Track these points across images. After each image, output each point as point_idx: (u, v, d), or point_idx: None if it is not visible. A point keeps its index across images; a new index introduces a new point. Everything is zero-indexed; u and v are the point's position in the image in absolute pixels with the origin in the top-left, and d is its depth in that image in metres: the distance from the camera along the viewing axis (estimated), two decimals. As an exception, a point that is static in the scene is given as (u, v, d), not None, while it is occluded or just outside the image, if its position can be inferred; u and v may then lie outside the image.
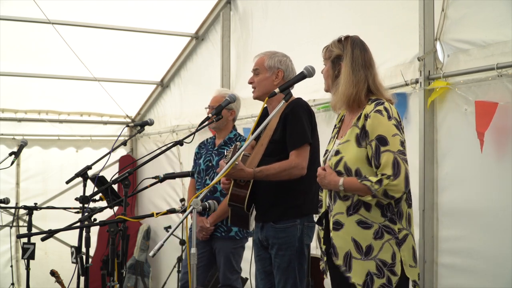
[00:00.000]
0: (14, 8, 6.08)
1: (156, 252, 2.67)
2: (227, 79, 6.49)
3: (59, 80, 7.44)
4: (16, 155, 5.51)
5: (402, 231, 2.80)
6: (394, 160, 2.72)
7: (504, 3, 3.71)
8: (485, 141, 3.70)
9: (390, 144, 2.74)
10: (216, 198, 4.58)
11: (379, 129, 2.77)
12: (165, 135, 7.68)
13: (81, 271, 3.49)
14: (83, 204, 4.06)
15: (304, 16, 5.42)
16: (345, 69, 2.88)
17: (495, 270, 3.69)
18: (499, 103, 3.64)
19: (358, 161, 2.81)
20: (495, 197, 3.70)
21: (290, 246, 3.64)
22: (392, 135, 2.76)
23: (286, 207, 3.66)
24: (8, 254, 6.90)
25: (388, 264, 2.76)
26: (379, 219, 2.78)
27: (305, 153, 3.62)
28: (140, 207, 8.44)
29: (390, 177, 2.70)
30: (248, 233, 4.64)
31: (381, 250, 2.77)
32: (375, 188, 2.72)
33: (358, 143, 2.82)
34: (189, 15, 6.74)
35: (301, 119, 3.64)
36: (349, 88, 2.86)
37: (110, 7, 6.37)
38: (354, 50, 2.89)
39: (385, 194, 2.71)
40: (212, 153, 4.70)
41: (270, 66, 3.81)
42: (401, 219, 2.81)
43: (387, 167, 2.72)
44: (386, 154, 2.73)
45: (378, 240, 2.78)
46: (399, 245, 2.79)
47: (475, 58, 3.86)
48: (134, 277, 7.73)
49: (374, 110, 2.80)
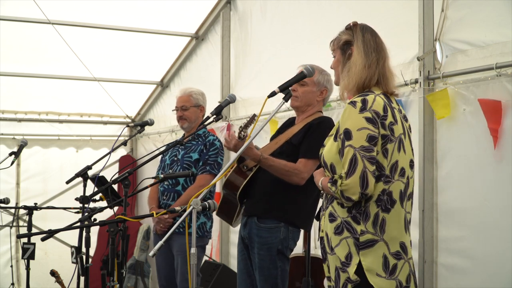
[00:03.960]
0: (14, 8, 6.07)
1: (156, 252, 2.67)
2: (227, 79, 6.49)
3: (59, 81, 7.44)
4: (16, 155, 5.50)
5: (366, 234, 2.60)
6: (352, 157, 2.56)
7: (504, 4, 3.71)
8: (485, 141, 3.71)
9: (354, 138, 2.58)
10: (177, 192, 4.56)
11: (347, 122, 2.63)
12: (165, 135, 7.68)
13: (81, 271, 3.49)
14: (83, 204, 4.07)
15: (304, 16, 5.42)
16: (357, 51, 2.74)
17: (494, 270, 3.69)
18: (502, 101, 3.64)
19: (332, 155, 2.69)
20: (495, 197, 3.70)
21: (271, 246, 3.64)
22: (358, 129, 2.59)
23: (274, 206, 3.67)
24: (8, 254, 6.90)
25: (342, 262, 2.62)
26: (344, 214, 2.64)
27: (312, 166, 3.62)
28: (140, 207, 8.43)
29: (342, 177, 2.57)
30: (209, 232, 4.61)
31: (338, 246, 2.63)
32: (333, 190, 2.60)
33: (335, 137, 2.72)
34: (189, 15, 6.74)
35: (322, 135, 3.64)
36: (362, 70, 2.71)
37: (110, 7, 6.37)
38: (365, 34, 2.78)
39: (342, 195, 2.58)
40: (178, 148, 4.69)
41: (319, 82, 3.80)
42: (366, 220, 2.60)
43: (345, 164, 2.58)
44: (347, 150, 2.59)
45: (337, 236, 2.64)
46: (358, 248, 2.59)
47: (473, 58, 3.86)
48: (134, 277, 7.73)
49: (350, 102, 2.66)
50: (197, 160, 4.57)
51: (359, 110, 2.61)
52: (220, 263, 6.05)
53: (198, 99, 4.76)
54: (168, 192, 4.59)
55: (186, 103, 4.71)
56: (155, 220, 4.59)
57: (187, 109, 4.71)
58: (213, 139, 4.65)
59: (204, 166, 4.56)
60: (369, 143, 2.57)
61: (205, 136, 4.67)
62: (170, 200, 4.55)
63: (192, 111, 4.71)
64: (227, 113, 6.35)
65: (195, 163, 4.56)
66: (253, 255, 3.71)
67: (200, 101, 4.76)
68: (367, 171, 2.55)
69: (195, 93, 4.76)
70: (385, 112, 2.64)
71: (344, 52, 2.81)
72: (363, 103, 2.62)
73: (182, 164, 4.56)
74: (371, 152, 2.57)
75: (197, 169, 4.56)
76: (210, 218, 4.63)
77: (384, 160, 2.63)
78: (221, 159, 4.64)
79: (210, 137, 4.66)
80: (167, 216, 4.46)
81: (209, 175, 4.53)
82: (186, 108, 4.71)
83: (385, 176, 2.63)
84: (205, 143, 4.61)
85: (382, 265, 2.59)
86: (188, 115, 4.70)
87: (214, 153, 4.59)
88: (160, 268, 4.67)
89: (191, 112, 4.71)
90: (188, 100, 4.73)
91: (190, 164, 4.54)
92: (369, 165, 2.56)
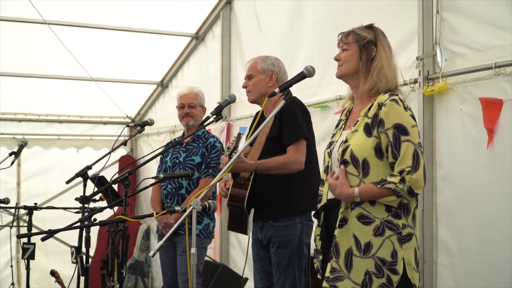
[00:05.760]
0: (10, 8, 6.07)
1: (156, 252, 2.68)
2: (227, 79, 6.49)
3: (60, 81, 7.46)
4: (16, 155, 5.51)
5: (407, 228, 2.66)
6: (415, 152, 2.62)
7: (502, 6, 3.71)
8: (484, 140, 3.71)
9: (411, 134, 2.65)
10: (181, 195, 4.58)
11: (397, 118, 2.67)
12: (165, 135, 7.68)
13: (81, 271, 3.49)
14: (83, 204, 4.07)
15: (304, 16, 5.42)
16: (384, 54, 2.81)
17: (494, 270, 3.69)
18: (503, 100, 3.64)
19: (365, 151, 2.68)
20: (495, 197, 3.70)
21: (289, 244, 3.66)
22: (412, 126, 2.67)
23: (285, 206, 3.68)
24: (8, 254, 6.90)
25: (387, 262, 2.62)
26: (382, 214, 2.65)
27: (302, 148, 3.65)
28: (140, 207, 8.44)
29: (410, 171, 2.60)
30: (212, 233, 4.63)
31: (381, 248, 2.62)
32: (401, 188, 2.60)
33: (367, 133, 2.71)
34: (189, 15, 6.75)
35: (296, 115, 3.67)
36: (391, 71, 2.79)
37: (111, 8, 6.38)
38: (385, 38, 2.87)
39: (409, 191, 2.61)
40: (179, 150, 4.69)
41: (264, 68, 3.84)
42: (407, 215, 2.68)
43: (407, 158, 2.61)
44: (406, 144, 2.63)
45: (378, 237, 2.63)
46: (401, 242, 2.63)
47: (471, 62, 3.86)
48: (134, 277, 7.74)
49: (390, 99, 2.70)
50: (199, 163, 4.58)
51: (404, 108, 2.70)
52: (220, 263, 6.05)
53: (203, 99, 4.80)
54: (172, 196, 4.61)
55: (194, 101, 4.71)
56: (161, 224, 4.61)
57: (195, 107, 4.70)
58: (214, 141, 4.64)
59: (206, 169, 4.57)
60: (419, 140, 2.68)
61: (206, 138, 4.66)
62: (174, 203, 4.57)
63: (199, 110, 4.73)
64: (227, 113, 6.35)
65: (198, 167, 4.57)
66: (271, 254, 3.73)
67: (203, 103, 4.79)
68: (425, 167, 2.65)
69: (201, 93, 4.80)
70: None
71: (365, 50, 2.82)
72: (402, 102, 2.72)
73: (184, 168, 4.56)
74: (422, 148, 2.68)
75: (200, 173, 4.57)
76: (213, 219, 4.66)
77: None
78: None
79: (211, 139, 4.66)
80: (173, 221, 4.49)
81: (212, 178, 4.51)
82: (194, 105, 4.70)
83: None
84: (206, 146, 4.61)
85: (414, 258, 2.68)
86: (195, 113, 4.70)
87: (216, 156, 4.59)
88: (166, 267, 4.69)
89: (198, 110, 4.71)
90: (196, 99, 4.74)
91: (193, 168, 4.55)
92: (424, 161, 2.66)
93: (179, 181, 4.58)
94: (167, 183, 4.61)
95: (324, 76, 4.93)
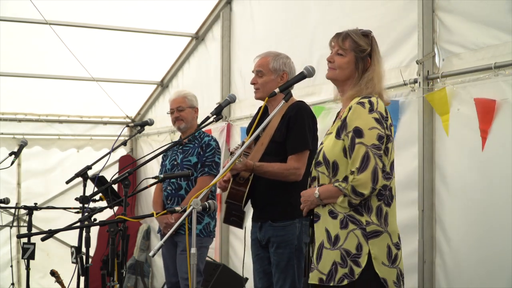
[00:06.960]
0: (11, 8, 6.07)
1: (156, 252, 2.69)
2: (226, 79, 6.49)
3: (60, 81, 7.46)
4: (16, 155, 5.51)
5: (372, 225, 2.75)
6: (365, 154, 2.70)
7: (500, 5, 3.71)
8: (478, 141, 3.71)
9: (365, 136, 2.73)
10: (181, 196, 4.61)
11: (357, 121, 2.75)
12: (165, 135, 7.69)
13: (81, 271, 3.50)
14: (83, 204, 4.08)
15: (304, 16, 5.42)
16: (377, 66, 2.89)
17: (494, 270, 3.69)
18: (497, 100, 3.64)
19: (335, 153, 2.80)
20: (494, 197, 3.70)
21: (289, 244, 3.67)
22: (369, 128, 2.74)
23: (284, 206, 3.68)
24: (8, 254, 6.89)
25: (351, 254, 2.74)
26: (345, 209, 2.77)
27: (304, 159, 3.65)
28: (140, 207, 8.44)
29: (354, 172, 2.70)
30: (213, 232, 4.65)
31: (346, 240, 2.75)
32: (343, 187, 2.73)
33: (337, 135, 2.82)
34: (189, 15, 6.75)
35: (304, 124, 3.67)
36: (379, 80, 2.88)
37: (111, 8, 6.39)
38: (377, 47, 2.93)
39: (353, 191, 2.71)
40: (177, 152, 4.74)
41: (276, 68, 3.80)
42: (369, 212, 2.76)
43: (356, 160, 2.71)
44: (358, 147, 2.72)
45: (344, 230, 2.76)
46: (367, 238, 2.74)
47: (467, 62, 3.87)
48: (134, 277, 7.74)
49: (357, 102, 2.79)
50: (196, 163, 4.64)
51: (368, 110, 2.77)
52: (220, 263, 6.06)
53: (193, 100, 4.84)
54: (172, 197, 4.66)
55: (182, 104, 4.77)
56: (162, 225, 4.64)
57: (183, 109, 4.76)
58: (208, 139, 4.69)
59: (202, 168, 4.62)
60: (379, 141, 2.74)
61: (201, 138, 4.71)
62: (174, 204, 4.62)
63: (188, 111, 4.77)
64: (227, 113, 6.36)
65: (195, 167, 4.62)
66: (271, 254, 3.74)
67: (194, 103, 4.84)
68: (378, 168, 2.72)
69: (189, 95, 4.85)
70: (386, 114, 2.82)
71: (361, 59, 2.89)
72: (370, 104, 2.78)
73: (182, 169, 4.61)
74: (380, 150, 2.74)
75: (197, 172, 4.60)
76: (213, 218, 4.69)
77: (385, 158, 2.80)
78: (219, 158, 4.70)
79: (205, 138, 4.71)
80: (173, 221, 4.51)
81: (209, 176, 4.59)
82: (183, 108, 4.76)
83: (386, 173, 2.80)
84: (201, 145, 4.66)
85: (387, 254, 2.77)
86: (184, 115, 4.75)
87: (211, 154, 4.63)
88: (169, 264, 4.71)
89: (187, 112, 4.76)
90: (184, 101, 4.79)
91: (190, 168, 4.59)
92: (379, 162, 2.73)
93: (178, 182, 4.62)
94: (166, 184, 4.66)
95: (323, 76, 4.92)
